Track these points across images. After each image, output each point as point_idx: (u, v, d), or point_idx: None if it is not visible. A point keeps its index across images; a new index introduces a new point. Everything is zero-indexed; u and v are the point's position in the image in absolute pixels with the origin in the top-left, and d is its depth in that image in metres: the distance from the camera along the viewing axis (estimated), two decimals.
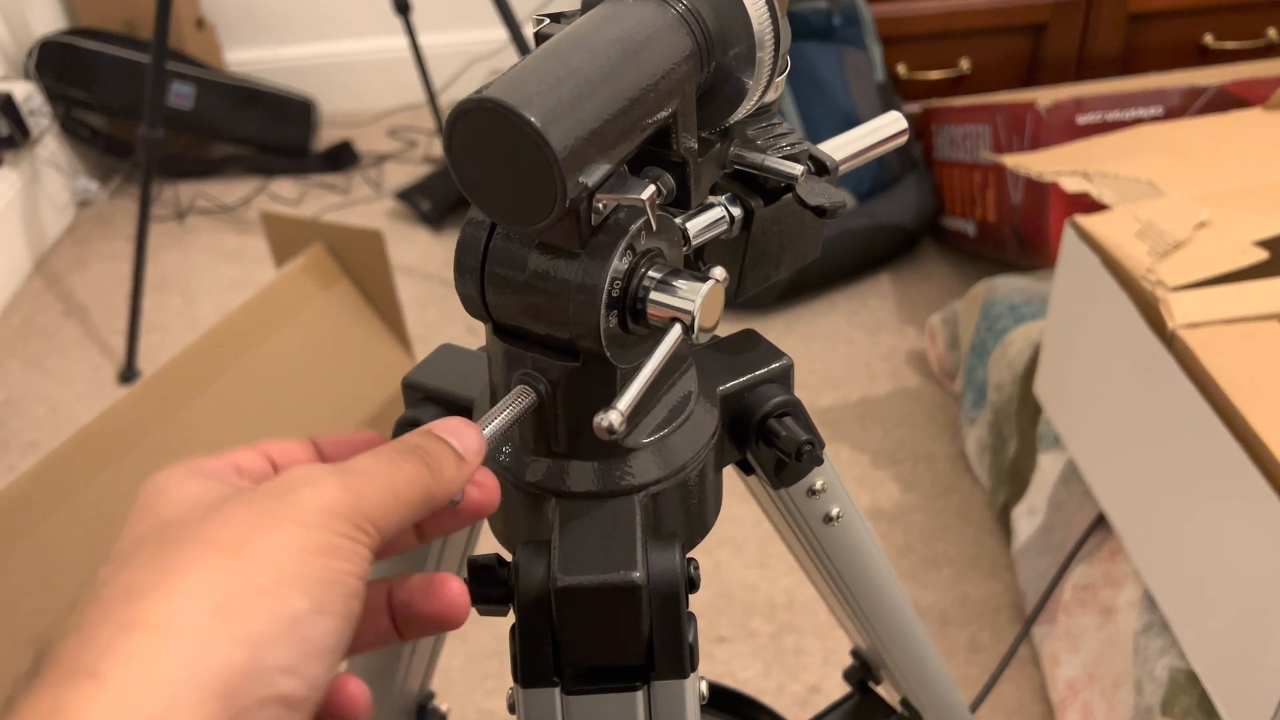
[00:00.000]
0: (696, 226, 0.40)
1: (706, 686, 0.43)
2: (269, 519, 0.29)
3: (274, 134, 2.11)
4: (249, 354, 1.19)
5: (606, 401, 0.34)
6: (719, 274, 0.36)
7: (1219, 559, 0.81)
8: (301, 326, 1.25)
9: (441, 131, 2.05)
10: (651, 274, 0.36)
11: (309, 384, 1.24)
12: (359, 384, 1.28)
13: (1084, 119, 1.36)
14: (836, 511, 0.49)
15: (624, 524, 0.38)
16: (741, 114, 0.38)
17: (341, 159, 2.11)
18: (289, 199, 2.04)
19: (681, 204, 0.37)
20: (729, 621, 1.15)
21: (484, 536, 0.50)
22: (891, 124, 0.45)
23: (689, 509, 0.42)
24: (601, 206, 0.34)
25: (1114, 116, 1.36)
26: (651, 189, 0.34)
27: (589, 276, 0.34)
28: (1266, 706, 0.75)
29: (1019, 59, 1.73)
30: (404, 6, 1.70)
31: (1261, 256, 0.88)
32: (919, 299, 1.62)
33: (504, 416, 0.37)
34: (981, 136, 1.52)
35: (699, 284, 0.35)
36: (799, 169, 0.40)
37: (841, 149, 0.44)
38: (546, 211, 0.32)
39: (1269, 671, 0.75)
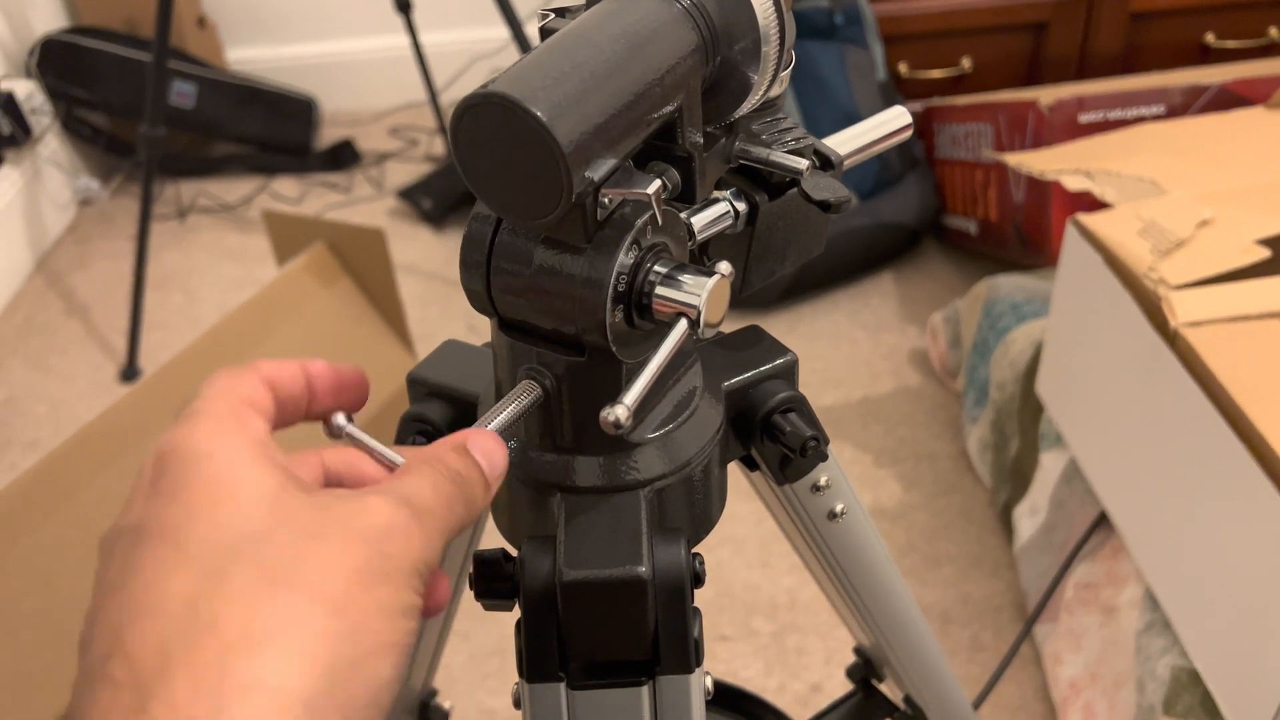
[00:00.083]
0: (702, 221, 0.40)
1: (712, 682, 0.43)
2: (367, 578, 0.28)
3: (275, 133, 2.11)
4: (250, 352, 1.19)
5: (612, 396, 0.34)
6: (725, 269, 0.36)
7: (1221, 557, 0.81)
8: (303, 325, 1.25)
9: (443, 130, 2.06)
10: (657, 269, 0.35)
11: None
12: None
13: (1086, 118, 1.36)
14: (841, 508, 0.49)
15: (629, 519, 0.38)
16: (747, 108, 0.38)
17: (343, 158, 2.11)
18: (290, 198, 2.04)
19: (687, 199, 0.37)
20: (730, 620, 1.15)
21: (489, 531, 0.50)
22: (896, 118, 0.45)
23: (694, 504, 0.42)
24: (607, 201, 0.34)
25: (1116, 115, 1.36)
26: (657, 184, 0.34)
27: (595, 271, 0.34)
28: (1269, 705, 0.75)
29: (1021, 58, 1.73)
30: (405, 5, 1.70)
31: (1263, 255, 0.89)
32: (921, 298, 1.62)
33: (509, 411, 0.37)
34: (983, 135, 1.52)
35: (705, 279, 0.35)
36: (804, 164, 0.40)
37: (846, 144, 0.44)
38: (552, 206, 0.32)
39: (1271, 670, 0.75)
